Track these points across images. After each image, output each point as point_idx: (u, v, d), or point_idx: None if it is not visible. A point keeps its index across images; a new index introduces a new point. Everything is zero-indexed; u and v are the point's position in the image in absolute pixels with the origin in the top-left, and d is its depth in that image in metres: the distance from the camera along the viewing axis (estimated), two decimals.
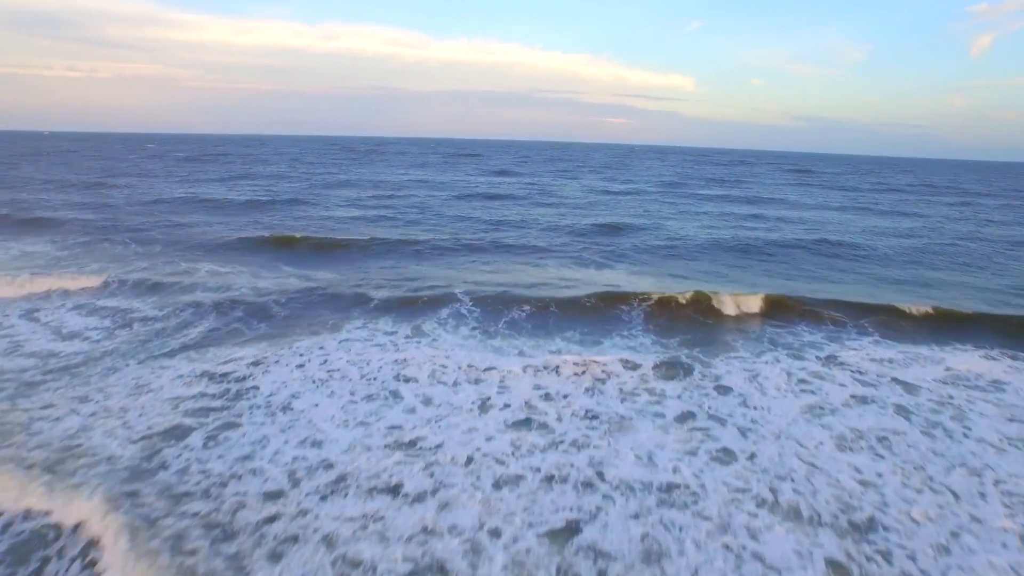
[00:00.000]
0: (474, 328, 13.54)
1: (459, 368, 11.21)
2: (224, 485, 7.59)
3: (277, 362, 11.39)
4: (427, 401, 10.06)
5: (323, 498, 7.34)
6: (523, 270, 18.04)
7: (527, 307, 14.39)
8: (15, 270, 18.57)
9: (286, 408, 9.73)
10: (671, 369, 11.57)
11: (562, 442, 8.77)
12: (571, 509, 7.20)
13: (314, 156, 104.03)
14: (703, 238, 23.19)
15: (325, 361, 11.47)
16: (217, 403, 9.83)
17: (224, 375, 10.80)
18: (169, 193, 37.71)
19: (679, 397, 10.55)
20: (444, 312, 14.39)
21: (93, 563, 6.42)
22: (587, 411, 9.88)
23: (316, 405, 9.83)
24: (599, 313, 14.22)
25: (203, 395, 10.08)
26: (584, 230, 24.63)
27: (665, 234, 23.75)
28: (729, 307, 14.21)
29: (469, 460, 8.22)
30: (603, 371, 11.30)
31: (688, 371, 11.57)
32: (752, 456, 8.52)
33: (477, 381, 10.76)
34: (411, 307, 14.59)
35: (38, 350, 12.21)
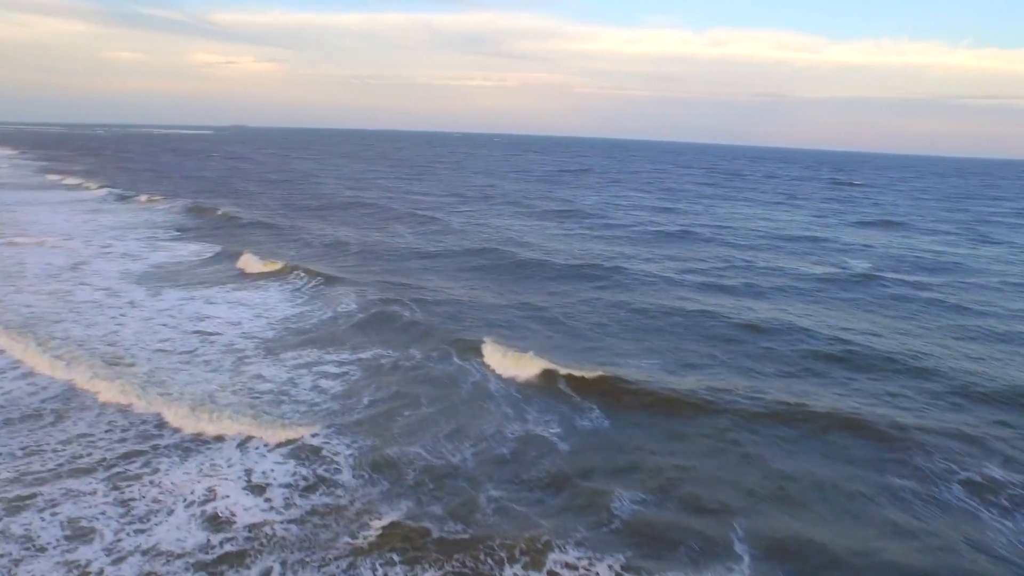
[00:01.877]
0: None
1: None
2: None
3: None
4: None
5: None
6: (873, 511, 11.38)
7: None
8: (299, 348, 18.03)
9: None
10: None
11: None
12: None
13: (675, 176, 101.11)
14: None
15: None
16: None
17: None
18: (499, 235, 37.17)
19: None
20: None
21: None
22: None
23: None
24: None
25: None
26: (992, 392, 16.32)
27: None
28: None
29: None
30: None
31: None
32: None
33: None
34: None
35: (215, 518, 11.10)
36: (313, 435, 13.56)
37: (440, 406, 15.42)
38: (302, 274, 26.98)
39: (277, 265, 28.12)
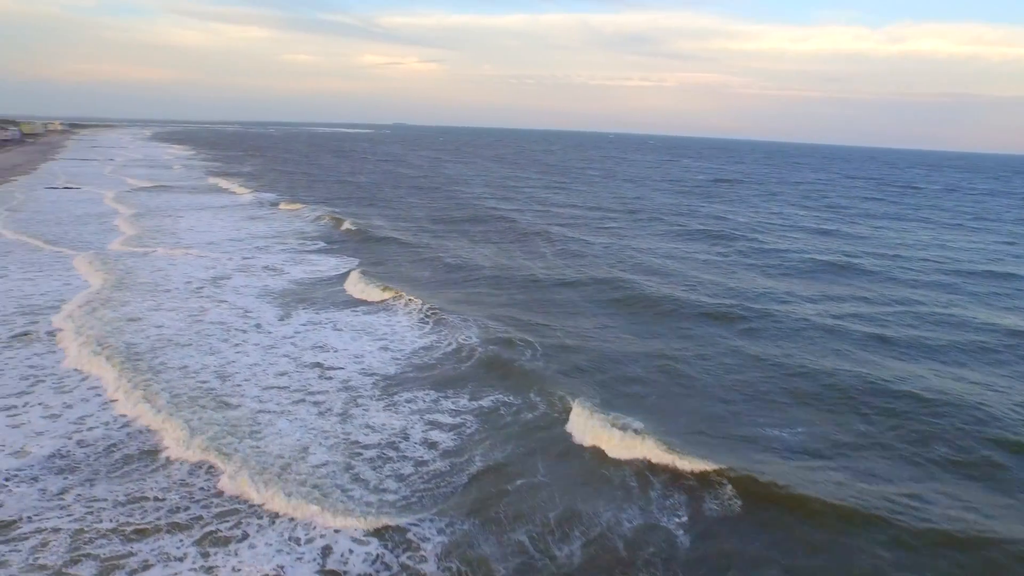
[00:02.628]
0: None
1: None
2: None
3: None
4: None
5: None
6: None
7: None
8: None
9: None
10: None
11: None
12: None
13: (841, 188, 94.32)
14: None
15: None
16: None
17: None
18: (639, 261, 35.44)
19: None
20: None
21: None
22: None
23: None
24: None
25: None
26: None
27: None
28: None
29: None
30: None
31: None
32: None
33: None
34: None
35: None
36: (403, 512, 12.74)
37: (555, 476, 14.21)
38: (430, 300, 26.62)
39: (408, 289, 28.00)
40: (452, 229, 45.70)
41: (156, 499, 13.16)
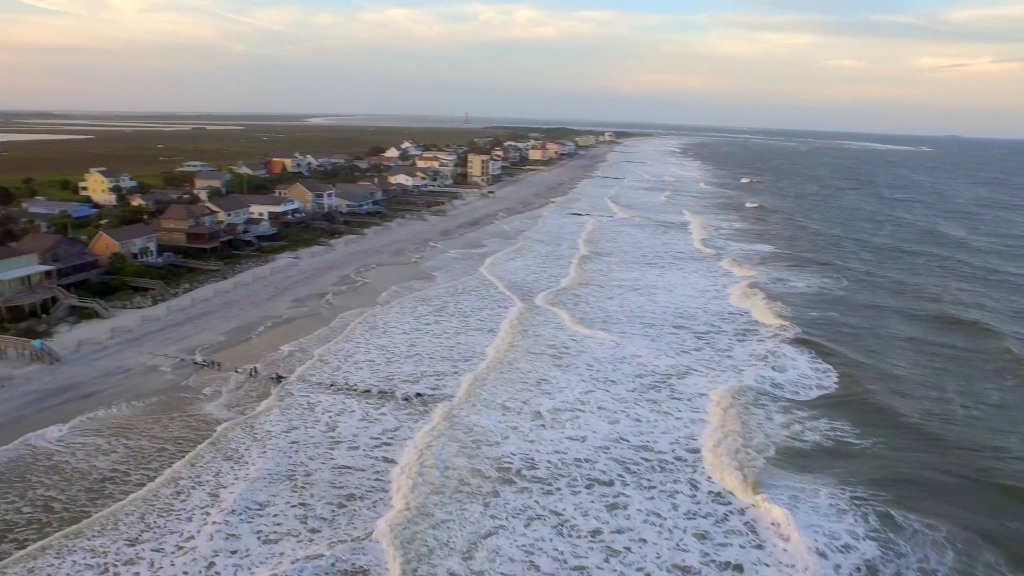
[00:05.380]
0: None
1: None
2: None
3: None
4: None
5: None
6: None
7: None
8: None
9: None
10: None
11: None
12: None
13: None
14: None
15: None
16: None
17: None
18: None
19: None
20: None
21: None
22: None
23: None
24: None
25: None
26: None
27: None
28: None
29: None
30: None
31: None
32: None
33: None
34: None
35: None
36: None
37: None
38: (893, 490, 20.50)
39: (868, 453, 21.81)
40: (958, 357, 33.99)
41: None
